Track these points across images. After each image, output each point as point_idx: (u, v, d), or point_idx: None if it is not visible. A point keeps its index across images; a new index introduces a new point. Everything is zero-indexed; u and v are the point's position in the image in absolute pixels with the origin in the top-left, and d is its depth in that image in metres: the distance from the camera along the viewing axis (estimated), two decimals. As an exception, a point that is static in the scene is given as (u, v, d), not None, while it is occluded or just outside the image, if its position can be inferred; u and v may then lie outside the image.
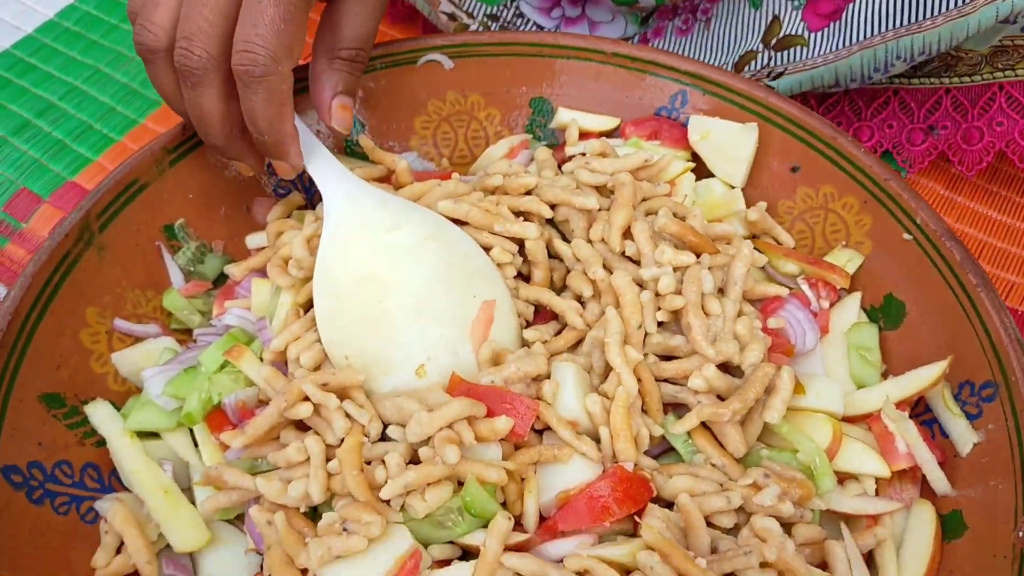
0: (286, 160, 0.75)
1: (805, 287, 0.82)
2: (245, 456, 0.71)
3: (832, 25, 0.91)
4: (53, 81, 1.17)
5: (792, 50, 0.95)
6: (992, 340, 0.72)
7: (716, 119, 0.88)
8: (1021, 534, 0.64)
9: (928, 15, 0.84)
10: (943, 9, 0.82)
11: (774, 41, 0.97)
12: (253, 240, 0.88)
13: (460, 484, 0.67)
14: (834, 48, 0.93)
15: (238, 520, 0.74)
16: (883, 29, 0.88)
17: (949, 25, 0.83)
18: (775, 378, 0.71)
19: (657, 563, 0.62)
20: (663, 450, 0.74)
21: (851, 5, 0.89)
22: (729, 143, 0.87)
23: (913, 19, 0.84)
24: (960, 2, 0.81)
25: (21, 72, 1.18)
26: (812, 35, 0.94)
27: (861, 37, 0.89)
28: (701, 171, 0.89)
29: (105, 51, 1.20)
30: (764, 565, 0.64)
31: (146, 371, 0.75)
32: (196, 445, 0.75)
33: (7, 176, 1.08)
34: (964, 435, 0.72)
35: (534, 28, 1.10)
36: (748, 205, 0.87)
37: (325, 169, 0.78)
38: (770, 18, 0.97)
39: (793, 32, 0.95)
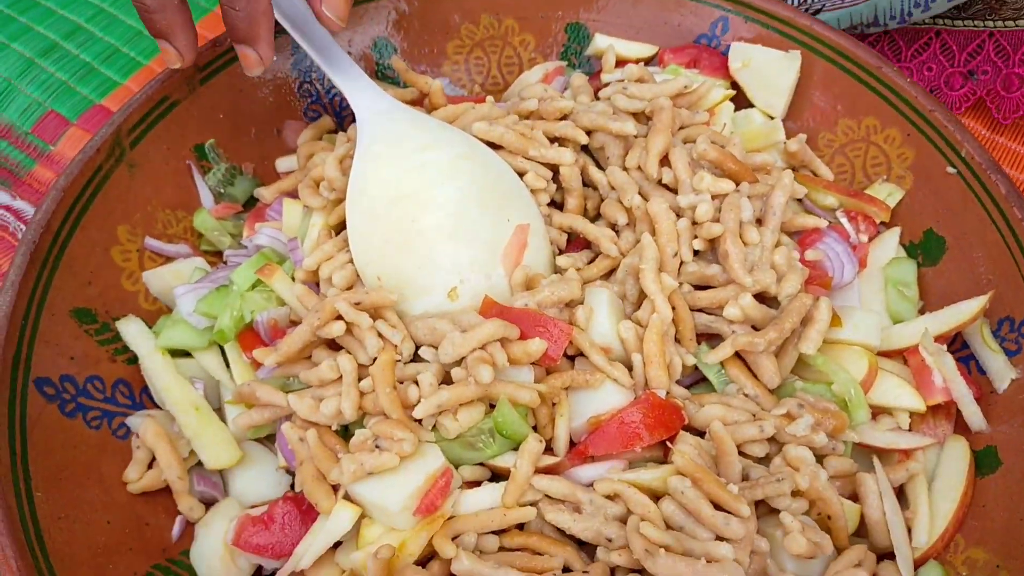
0: (255, 45, 0.68)
1: (844, 220, 0.80)
2: (277, 374, 0.71)
3: None
4: (80, 3, 1.15)
5: None
6: (1036, 276, 0.70)
7: (758, 47, 0.86)
8: (1059, 469, 0.63)
9: None
10: None
11: None
12: (283, 163, 0.87)
13: (491, 407, 0.66)
14: None
15: (267, 440, 0.74)
16: None
17: None
18: (812, 309, 0.70)
19: (688, 488, 0.62)
20: (695, 380, 0.74)
21: None
22: (770, 72, 0.85)
23: None
24: None
25: (48, -7, 1.16)
26: None
27: None
28: (740, 101, 0.87)
29: (132, -27, 1.18)
30: (796, 494, 0.64)
31: (178, 288, 0.75)
32: (228, 366, 0.75)
33: (35, 98, 1.07)
34: (1002, 371, 0.71)
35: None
36: (788, 137, 0.85)
37: (358, 87, 0.77)
38: None
39: None
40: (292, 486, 0.72)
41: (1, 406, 0.64)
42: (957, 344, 0.76)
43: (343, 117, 0.91)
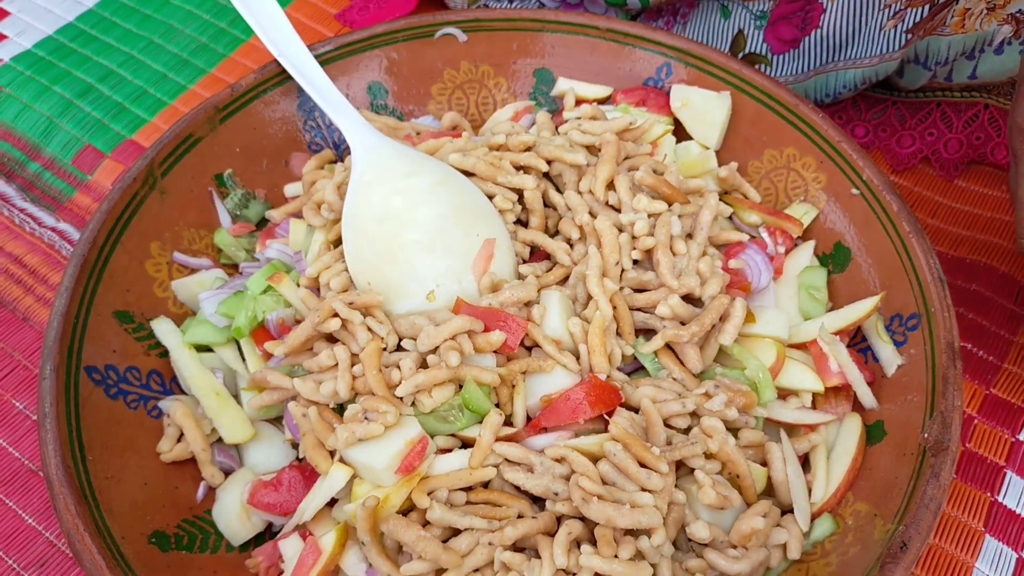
0: None
1: (764, 234, 0.94)
2: (284, 363, 0.85)
3: (792, 52, 1.05)
4: (112, 50, 1.30)
5: (757, 67, 1.08)
6: (919, 278, 0.84)
7: (695, 88, 1.01)
8: (926, 435, 0.76)
9: (866, 55, 1.02)
10: (878, 52, 1.02)
11: (740, 55, 1.10)
12: (290, 189, 1.02)
13: (461, 388, 0.80)
14: (794, 72, 1.07)
15: (276, 421, 0.88)
16: (834, 58, 1.04)
17: (884, 65, 1.02)
18: (729, 307, 0.84)
19: (620, 451, 0.75)
20: (635, 368, 0.87)
21: (807, 38, 1.05)
22: (706, 109, 1.00)
23: (855, 56, 1.01)
24: (888, 49, 1.02)
25: (84, 42, 1.31)
26: (774, 57, 1.07)
27: (816, 65, 1.05)
28: (682, 134, 1.02)
29: (158, 24, 1.33)
30: (709, 456, 0.78)
31: (202, 294, 0.89)
32: (243, 359, 0.89)
33: (74, 134, 1.21)
34: (890, 359, 0.85)
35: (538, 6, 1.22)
36: (721, 165, 1.00)
37: (353, 125, 0.92)
38: (735, 31, 1.09)
39: (757, 51, 1.10)
40: (298, 457, 0.86)
41: (60, 388, 0.78)
42: (859, 337, 0.90)
43: (342, 150, 1.06)
